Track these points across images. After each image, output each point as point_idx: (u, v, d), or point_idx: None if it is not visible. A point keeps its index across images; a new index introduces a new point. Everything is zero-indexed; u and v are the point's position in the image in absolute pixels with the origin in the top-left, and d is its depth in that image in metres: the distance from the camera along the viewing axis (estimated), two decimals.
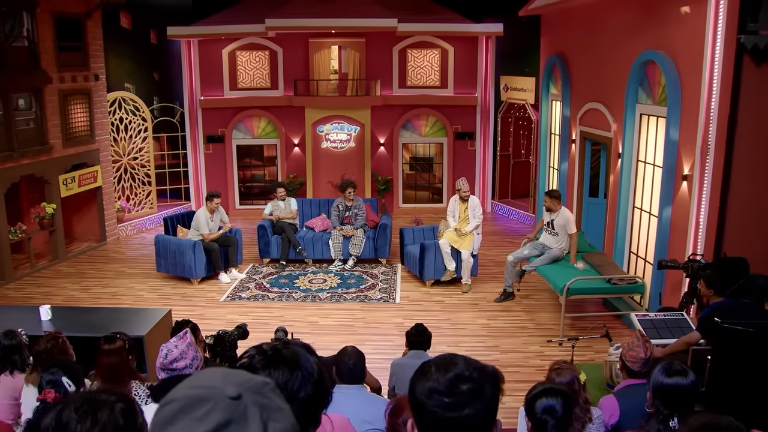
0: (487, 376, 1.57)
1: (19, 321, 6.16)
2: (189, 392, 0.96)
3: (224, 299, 9.29)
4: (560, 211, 8.67)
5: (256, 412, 0.94)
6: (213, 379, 0.98)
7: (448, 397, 1.48)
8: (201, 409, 0.92)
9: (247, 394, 0.95)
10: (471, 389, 1.50)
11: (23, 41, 10.18)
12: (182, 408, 0.93)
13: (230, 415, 0.92)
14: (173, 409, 0.94)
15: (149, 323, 5.76)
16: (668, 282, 7.66)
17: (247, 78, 13.67)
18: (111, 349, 4.16)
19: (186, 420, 0.92)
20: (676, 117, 7.33)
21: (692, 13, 7.02)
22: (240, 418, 0.92)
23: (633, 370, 4.10)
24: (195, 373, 1.05)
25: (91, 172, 11.54)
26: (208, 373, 1.03)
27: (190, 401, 0.94)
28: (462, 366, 1.57)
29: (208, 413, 0.92)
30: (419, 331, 5.24)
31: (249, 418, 0.93)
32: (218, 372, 1.03)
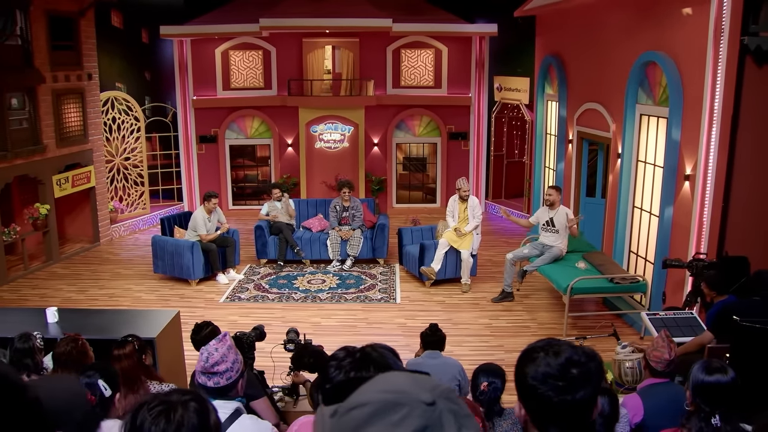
0: (593, 360, 1.61)
1: (25, 324, 6.06)
2: (382, 396, 0.94)
3: (224, 300, 9.23)
4: (559, 208, 8.72)
5: (451, 419, 0.93)
6: (403, 384, 0.97)
7: (561, 381, 1.52)
8: (397, 414, 0.91)
9: (440, 400, 0.94)
10: (582, 372, 1.54)
11: (16, 40, 10.04)
12: (376, 412, 0.92)
13: (426, 421, 0.91)
14: (367, 413, 0.93)
15: (159, 325, 5.69)
16: (669, 281, 7.73)
17: (240, 78, 13.60)
18: (122, 353, 4.13)
19: (381, 424, 0.91)
20: (678, 117, 7.40)
21: (694, 14, 7.10)
22: (436, 425, 0.91)
23: (656, 369, 4.12)
24: (379, 377, 1.04)
25: (85, 172, 11.42)
26: (394, 378, 1.02)
27: (385, 405, 0.93)
28: (570, 350, 1.61)
29: (405, 418, 0.91)
30: (434, 330, 5.25)
31: (444, 424, 0.92)
32: (405, 376, 1.02)
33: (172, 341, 5.91)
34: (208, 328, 4.35)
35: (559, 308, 8.79)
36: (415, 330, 8.09)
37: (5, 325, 6.01)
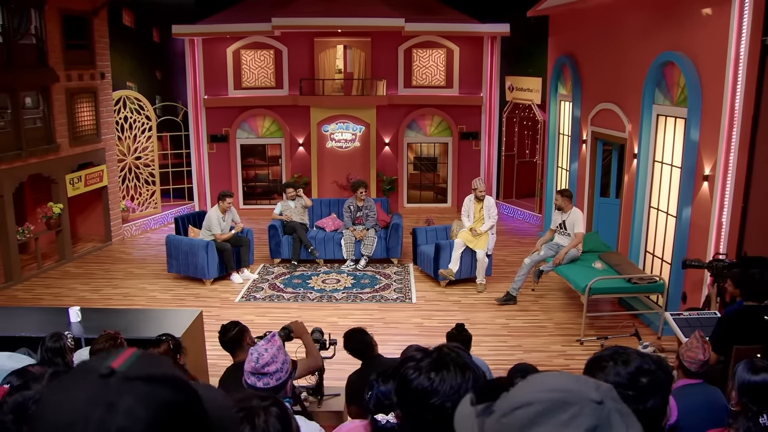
0: (662, 368, 1.60)
1: (48, 323, 6.07)
2: (549, 395, 0.94)
3: (239, 300, 9.23)
4: (572, 211, 8.69)
5: (618, 419, 0.93)
6: (568, 383, 0.97)
7: (631, 390, 1.50)
8: (566, 413, 0.91)
9: (607, 399, 0.94)
10: (651, 380, 1.52)
11: (31, 39, 10.05)
12: (544, 411, 0.92)
13: (596, 420, 0.91)
14: (533, 412, 0.93)
15: (183, 325, 5.69)
16: (687, 281, 7.72)
17: (251, 77, 13.59)
18: (158, 353, 4.12)
19: (551, 423, 0.91)
20: (697, 118, 7.39)
21: (714, 15, 7.08)
22: (605, 424, 0.91)
23: (690, 370, 4.11)
24: (536, 376, 1.03)
25: (97, 171, 11.42)
26: (554, 377, 1.01)
27: (553, 404, 0.92)
28: (638, 359, 1.59)
29: (575, 417, 0.90)
30: (460, 330, 5.26)
31: (613, 424, 0.92)
32: (565, 376, 1.01)
33: (196, 341, 5.91)
34: (235, 328, 4.35)
35: (575, 308, 8.79)
36: (433, 330, 8.13)
37: (29, 324, 6.02)
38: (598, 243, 9.09)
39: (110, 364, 0.86)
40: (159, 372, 0.87)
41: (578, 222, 8.61)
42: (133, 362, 0.88)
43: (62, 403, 0.83)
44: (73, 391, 0.84)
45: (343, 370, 6.31)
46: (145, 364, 0.88)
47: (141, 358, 0.89)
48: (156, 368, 0.88)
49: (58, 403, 0.84)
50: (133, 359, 0.89)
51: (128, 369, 0.86)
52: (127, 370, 0.86)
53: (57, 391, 0.86)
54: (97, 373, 0.85)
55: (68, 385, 0.87)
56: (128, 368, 0.86)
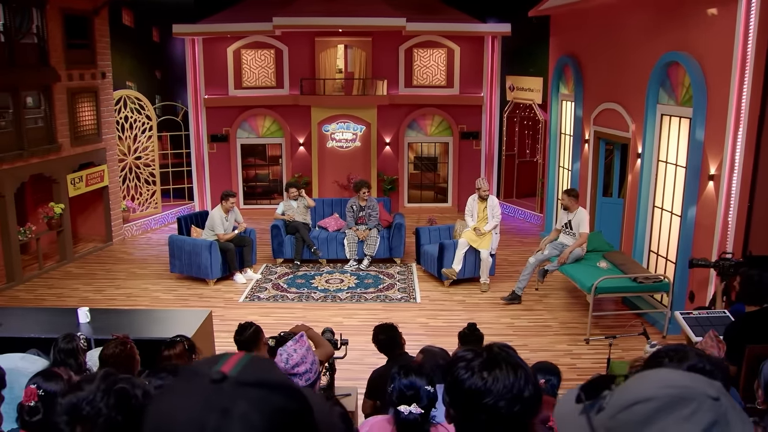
0: (719, 367, 1.60)
1: (57, 324, 6.05)
2: (668, 391, 0.94)
3: (243, 300, 9.21)
4: (578, 210, 8.72)
5: (735, 415, 0.93)
6: (684, 379, 0.98)
7: None
8: (686, 408, 0.92)
9: (722, 395, 0.95)
10: None
11: (32, 38, 10.01)
12: (663, 407, 0.93)
13: (715, 416, 0.92)
14: (652, 408, 0.93)
15: (193, 325, 5.68)
16: (692, 280, 7.74)
17: (252, 77, 13.57)
18: (173, 354, 4.10)
19: (671, 419, 0.91)
20: (702, 118, 7.41)
21: (720, 15, 7.10)
22: (722, 420, 0.92)
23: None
24: (650, 373, 1.04)
25: (98, 171, 11.38)
26: (670, 373, 1.02)
27: (672, 400, 0.93)
28: (695, 357, 1.60)
29: (695, 413, 0.91)
30: (472, 330, 5.26)
31: (730, 420, 0.92)
32: (679, 372, 1.02)
33: (206, 341, 5.90)
34: (251, 328, 4.33)
35: (579, 307, 8.81)
36: (438, 330, 8.13)
37: (38, 325, 6.00)
38: (601, 242, 9.11)
39: (221, 369, 0.85)
40: (271, 378, 0.86)
41: (583, 222, 8.63)
42: (243, 367, 0.87)
43: (176, 409, 0.83)
44: (185, 396, 0.83)
45: (351, 370, 6.35)
46: (255, 369, 0.87)
47: (251, 363, 0.89)
48: (267, 373, 0.87)
49: (172, 409, 0.83)
50: (243, 364, 0.88)
51: (239, 374, 0.85)
52: (238, 375, 0.85)
53: (168, 396, 0.85)
54: (209, 378, 0.84)
55: (179, 390, 0.86)
56: (239, 373, 0.85)
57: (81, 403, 1.48)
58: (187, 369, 0.91)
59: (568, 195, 8.83)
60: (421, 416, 2.65)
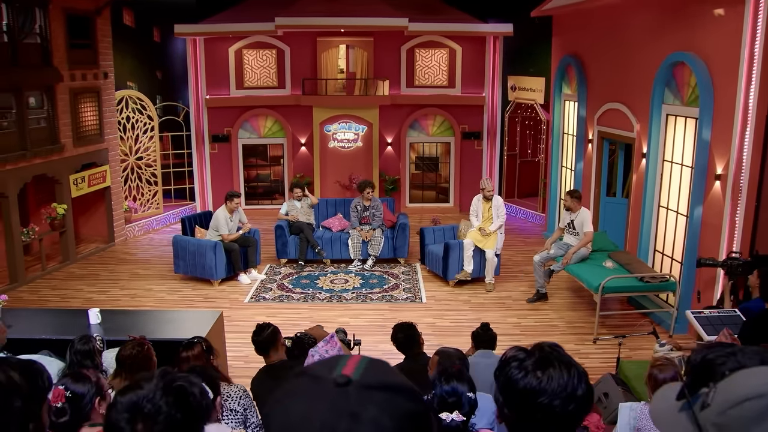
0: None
1: (68, 325, 6.04)
2: None
3: (248, 300, 9.19)
4: (580, 211, 8.70)
5: None
6: None
7: None
8: None
9: None
10: None
11: (35, 38, 9.97)
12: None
13: None
14: (765, 404, 0.93)
15: (205, 326, 5.66)
16: (699, 280, 7.76)
17: (253, 77, 13.54)
18: (191, 355, 4.09)
19: None
20: (709, 118, 7.43)
21: (728, 16, 7.12)
22: None
23: None
24: (757, 369, 1.03)
25: (101, 171, 11.34)
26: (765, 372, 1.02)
27: None
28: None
29: None
30: (485, 329, 5.26)
31: None
32: None
33: (218, 342, 5.88)
34: (269, 329, 4.32)
35: (584, 307, 8.83)
36: (446, 330, 8.14)
37: (49, 326, 5.98)
38: (606, 242, 9.13)
39: (343, 372, 0.85)
40: (394, 380, 0.86)
41: (586, 222, 8.63)
42: (364, 370, 0.87)
43: (303, 414, 0.82)
44: (311, 401, 0.83)
45: None
46: (377, 372, 0.87)
47: (371, 366, 0.88)
48: (389, 376, 0.87)
49: (299, 414, 0.82)
50: (364, 366, 0.87)
51: (362, 377, 0.85)
52: (361, 378, 0.84)
53: (293, 401, 0.84)
54: (333, 382, 0.83)
55: (303, 395, 0.85)
56: (362, 376, 0.85)
57: (141, 401, 1.47)
58: (306, 373, 0.90)
59: (570, 196, 8.83)
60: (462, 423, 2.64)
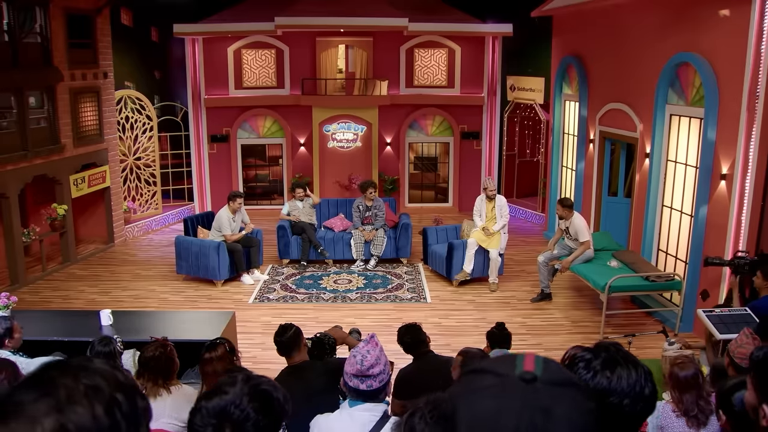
0: None
1: (79, 326, 6.01)
2: None
3: (252, 301, 9.17)
4: (573, 219, 8.65)
5: None
6: None
7: None
8: None
9: None
10: None
11: (36, 37, 9.90)
12: None
13: None
14: None
15: (218, 327, 5.64)
16: (704, 279, 7.81)
17: (252, 77, 13.50)
18: (215, 356, 4.06)
19: None
20: (714, 118, 7.48)
21: (733, 16, 7.18)
22: None
23: (741, 366, 4.16)
24: None
25: (100, 172, 11.28)
26: None
27: None
28: None
29: None
30: (501, 328, 5.29)
31: None
32: None
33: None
34: (291, 329, 4.30)
35: (588, 306, 8.87)
36: (452, 329, 8.15)
37: (61, 328, 5.94)
38: (610, 242, 9.17)
39: (526, 369, 0.85)
40: (572, 377, 0.86)
41: (580, 230, 8.49)
42: (544, 367, 0.87)
43: (494, 408, 0.82)
44: (500, 396, 0.83)
45: None
46: (555, 369, 0.88)
47: (548, 363, 0.89)
48: (567, 374, 0.88)
49: (491, 410, 0.83)
50: (542, 363, 0.88)
51: (544, 374, 0.85)
52: (544, 375, 0.85)
53: (481, 398, 0.84)
54: (518, 378, 0.84)
55: (489, 390, 0.85)
56: (544, 373, 0.85)
57: (229, 407, 1.47)
58: (484, 370, 0.90)
59: (561, 205, 8.74)
60: None
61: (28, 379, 0.89)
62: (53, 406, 0.83)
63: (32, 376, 0.89)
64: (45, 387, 0.86)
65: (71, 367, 0.91)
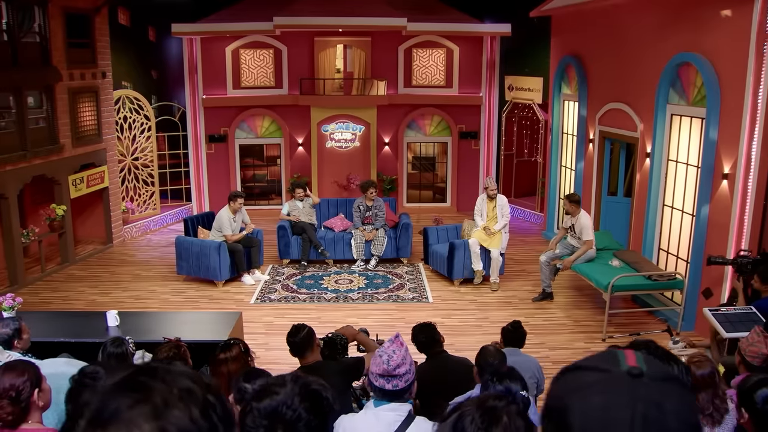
0: None
1: (85, 327, 5.98)
2: None
3: (254, 301, 9.15)
4: (579, 215, 8.70)
5: None
6: None
7: None
8: None
9: None
10: None
11: (34, 37, 9.84)
12: None
13: None
14: None
15: (226, 327, 5.62)
16: (706, 278, 7.85)
17: (250, 76, 13.47)
18: (230, 357, 4.05)
19: None
20: (716, 118, 7.52)
21: (735, 16, 7.22)
22: None
23: (753, 365, 4.19)
24: None
25: (99, 172, 11.22)
26: None
27: None
28: None
29: None
30: (516, 327, 5.29)
31: None
32: None
33: None
34: (304, 330, 4.30)
35: (589, 305, 8.91)
36: (455, 329, 8.15)
37: (67, 329, 5.90)
38: (611, 241, 9.21)
39: (630, 365, 0.86)
40: (675, 373, 0.87)
41: (586, 228, 8.56)
42: (646, 362, 0.88)
43: (605, 403, 0.83)
44: (608, 392, 0.84)
45: None
46: (657, 364, 0.89)
47: (648, 358, 0.89)
48: (667, 369, 0.88)
49: (601, 404, 0.83)
50: (643, 359, 0.89)
51: (649, 369, 0.86)
52: (649, 370, 0.86)
53: (590, 393, 0.85)
54: (626, 374, 0.84)
55: (596, 386, 0.86)
56: (648, 368, 0.86)
57: (281, 407, 1.46)
58: (589, 367, 0.91)
59: (569, 200, 8.81)
60: None
61: (118, 385, 0.88)
62: (151, 412, 0.83)
63: (122, 382, 0.89)
64: (139, 392, 0.86)
65: (159, 371, 0.91)
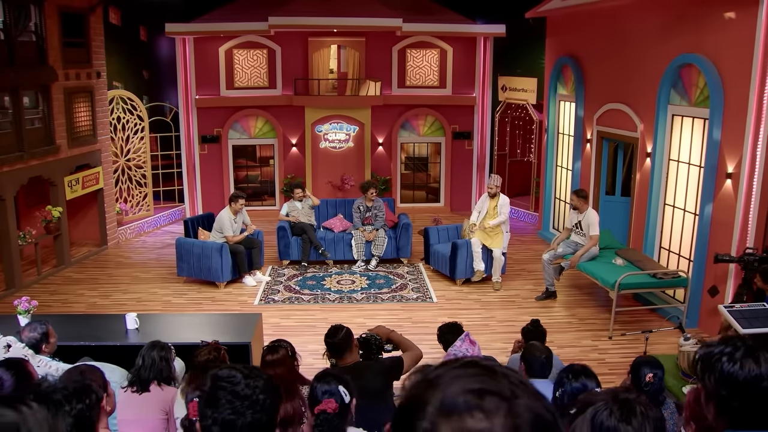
0: None
1: (104, 331, 5.90)
2: None
3: (257, 303, 9.10)
4: (587, 211, 8.80)
5: None
6: None
7: None
8: None
9: None
10: None
11: (30, 36, 9.69)
12: None
13: None
14: None
15: (248, 329, 5.59)
16: (710, 276, 7.98)
17: (244, 77, 13.39)
18: (276, 359, 3.99)
19: None
20: (719, 118, 7.66)
21: (740, 18, 7.35)
22: None
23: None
24: None
25: (94, 173, 11.07)
26: None
27: None
28: None
29: None
30: (535, 325, 5.35)
31: None
32: None
33: (258, 345, 5.82)
34: (343, 330, 4.29)
35: (593, 304, 9.00)
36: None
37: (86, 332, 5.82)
38: (612, 240, 9.32)
39: None
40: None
41: (593, 224, 8.68)
42: None
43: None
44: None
45: None
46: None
47: None
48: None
49: None
50: None
51: None
52: None
53: None
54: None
55: None
56: None
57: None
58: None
59: (577, 196, 8.92)
60: None
61: (486, 381, 0.92)
62: (503, 404, 0.90)
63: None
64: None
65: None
